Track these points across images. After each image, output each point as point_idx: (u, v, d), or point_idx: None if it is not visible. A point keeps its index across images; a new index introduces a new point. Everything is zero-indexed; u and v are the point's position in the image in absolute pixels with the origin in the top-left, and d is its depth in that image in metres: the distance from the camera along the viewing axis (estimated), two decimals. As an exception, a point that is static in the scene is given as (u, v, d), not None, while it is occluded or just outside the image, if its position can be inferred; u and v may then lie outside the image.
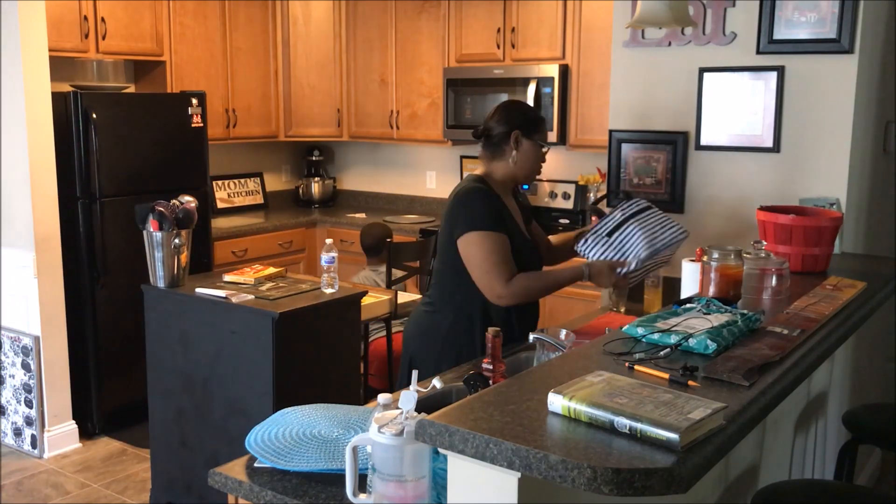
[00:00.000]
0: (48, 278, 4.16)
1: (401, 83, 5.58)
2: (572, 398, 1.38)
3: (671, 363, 1.67)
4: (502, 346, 2.20)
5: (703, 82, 3.41)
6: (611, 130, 3.68)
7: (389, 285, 4.35)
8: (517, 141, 2.60)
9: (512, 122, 2.61)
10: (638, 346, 1.79)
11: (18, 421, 4.29)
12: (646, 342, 1.80)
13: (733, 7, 3.31)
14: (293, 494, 1.61)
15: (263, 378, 3.03)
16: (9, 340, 4.27)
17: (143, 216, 3.32)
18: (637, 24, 2.86)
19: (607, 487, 1.20)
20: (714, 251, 2.25)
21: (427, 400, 1.97)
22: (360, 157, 6.38)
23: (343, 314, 3.33)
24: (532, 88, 4.84)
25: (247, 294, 3.20)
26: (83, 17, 4.57)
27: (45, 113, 4.09)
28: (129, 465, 4.10)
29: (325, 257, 3.30)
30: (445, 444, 1.34)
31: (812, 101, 3.20)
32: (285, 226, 5.52)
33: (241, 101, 5.54)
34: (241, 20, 5.50)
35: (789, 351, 1.80)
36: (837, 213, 2.85)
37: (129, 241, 4.29)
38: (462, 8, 5.21)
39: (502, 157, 2.62)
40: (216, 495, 1.85)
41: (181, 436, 3.35)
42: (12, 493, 3.81)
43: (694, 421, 1.30)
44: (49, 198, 4.14)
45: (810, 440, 2.83)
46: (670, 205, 3.52)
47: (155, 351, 3.41)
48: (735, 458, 2.20)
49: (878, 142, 3.57)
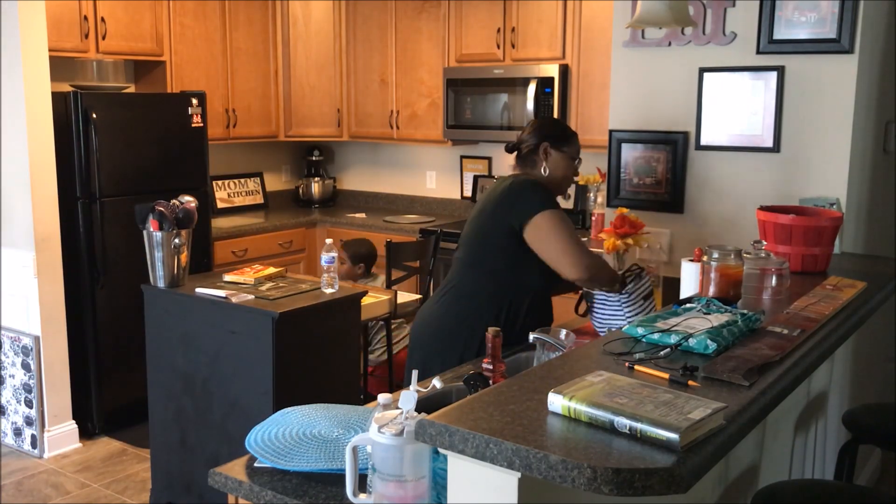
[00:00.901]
0: (48, 278, 4.16)
1: (401, 83, 5.58)
2: (572, 398, 1.38)
3: (671, 363, 1.67)
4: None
5: (703, 82, 3.41)
6: (611, 130, 3.68)
7: (389, 285, 4.35)
8: (546, 153, 2.66)
9: (541, 135, 2.68)
10: (638, 346, 1.79)
11: (18, 421, 4.29)
12: (646, 342, 1.80)
13: (733, 7, 3.31)
14: (293, 494, 1.61)
15: (263, 378, 3.03)
16: (9, 340, 4.27)
17: (143, 216, 3.32)
18: (637, 24, 2.86)
19: (607, 487, 1.20)
20: (714, 251, 2.25)
21: (427, 400, 1.97)
22: (360, 157, 6.38)
23: (343, 314, 3.33)
24: (532, 88, 4.84)
25: (247, 294, 3.20)
26: (83, 17, 4.57)
27: (45, 113, 4.10)
28: (129, 465, 4.10)
29: (325, 257, 3.30)
30: (445, 444, 1.34)
31: (812, 101, 3.20)
32: (285, 226, 5.52)
33: (241, 101, 5.55)
34: (241, 20, 5.50)
35: (789, 351, 1.80)
36: (837, 213, 2.85)
37: (129, 241, 4.29)
38: (462, 8, 5.21)
39: (534, 168, 2.68)
40: (216, 495, 1.85)
41: (181, 436, 3.35)
42: (12, 493, 3.81)
43: (694, 421, 1.30)
44: (49, 198, 4.14)
45: (810, 440, 2.83)
46: (670, 205, 3.52)
47: (155, 351, 3.41)
48: (735, 458, 2.20)
49: (878, 142, 3.57)
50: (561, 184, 2.72)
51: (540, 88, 4.82)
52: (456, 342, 2.60)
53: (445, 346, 2.62)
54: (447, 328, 2.64)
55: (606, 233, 3.29)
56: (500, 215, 2.57)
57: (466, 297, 2.63)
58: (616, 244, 3.23)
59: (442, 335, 2.64)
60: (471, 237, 2.68)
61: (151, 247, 3.30)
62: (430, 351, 2.66)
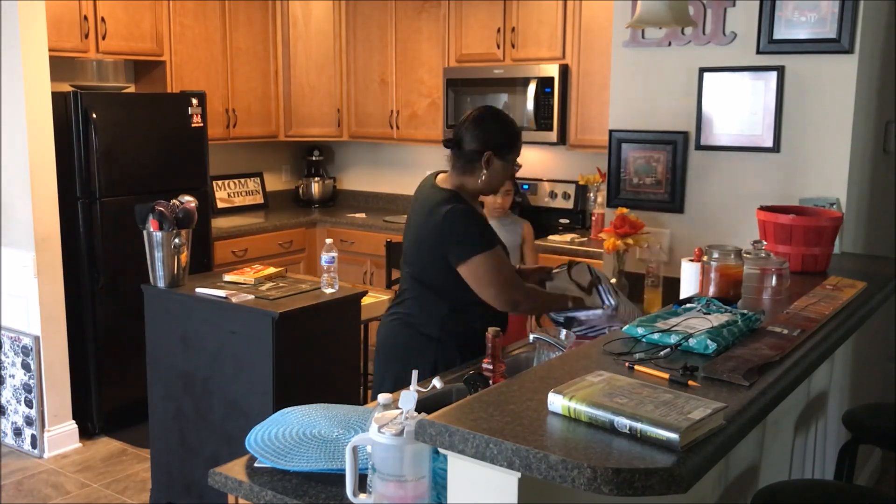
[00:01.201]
0: (48, 278, 4.16)
1: (401, 83, 5.58)
2: (572, 398, 1.38)
3: (671, 363, 1.67)
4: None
5: (703, 82, 3.41)
6: (611, 130, 3.68)
7: (389, 285, 4.35)
8: (488, 161, 2.51)
9: (486, 142, 2.51)
10: (638, 346, 1.79)
11: (18, 421, 4.29)
12: (646, 342, 1.80)
13: (733, 7, 3.31)
14: (293, 494, 1.61)
15: (263, 378, 3.03)
16: (9, 340, 4.27)
17: (143, 216, 3.32)
18: (637, 24, 2.86)
19: (607, 487, 1.20)
20: (714, 251, 2.25)
21: (427, 400, 1.97)
22: (360, 157, 6.38)
23: (343, 314, 3.33)
24: (532, 88, 4.84)
25: (247, 294, 3.20)
26: (83, 17, 4.57)
27: (45, 113, 4.09)
28: (129, 465, 4.10)
29: (325, 257, 3.30)
30: (445, 444, 1.34)
31: (812, 101, 3.20)
32: (285, 226, 5.52)
33: (241, 101, 5.54)
34: (241, 20, 5.50)
35: (789, 351, 1.80)
36: (837, 213, 2.85)
37: (129, 241, 4.29)
38: (462, 8, 5.21)
39: (472, 173, 2.54)
40: (216, 495, 1.85)
41: (181, 436, 3.35)
42: (12, 493, 3.81)
43: (694, 421, 1.30)
44: (49, 198, 4.14)
45: (810, 440, 2.83)
46: (670, 205, 3.52)
47: (155, 351, 3.41)
48: (735, 458, 2.20)
49: (878, 142, 3.57)
50: (495, 187, 2.61)
51: (540, 88, 4.82)
52: (419, 363, 2.52)
53: (406, 353, 2.59)
54: (402, 342, 2.61)
55: (606, 233, 3.30)
56: (437, 247, 2.50)
57: (416, 310, 2.59)
58: (616, 244, 3.23)
59: (398, 346, 2.62)
60: (413, 254, 2.62)
61: (151, 247, 3.30)
62: (391, 360, 2.63)
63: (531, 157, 5.40)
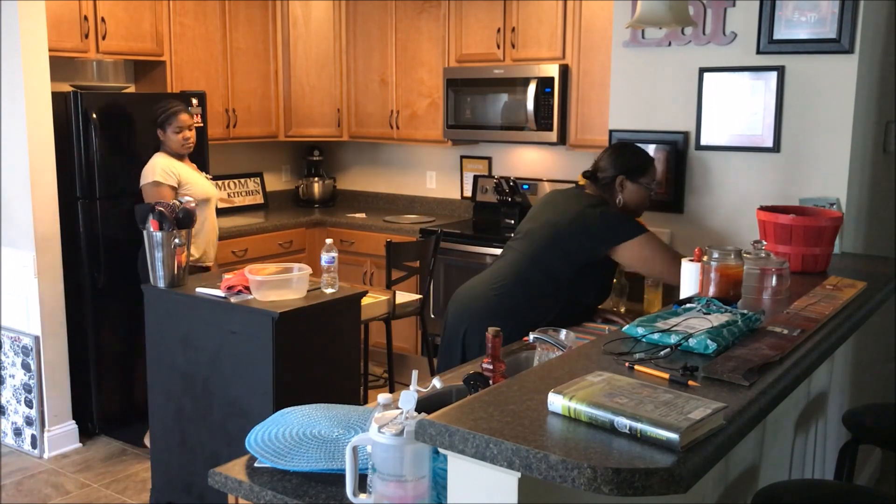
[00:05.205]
0: (48, 278, 4.16)
1: (401, 83, 5.58)
2: (572, 398, 1.38)
3: (671, 363, 1.67)
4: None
5: (703, 82, 3.41)
6: (611, 130, 3.68)
7: (389, 285, 4.35)
8: (622, 185, 2.86)
9: (618, 167, 2.87)
10: (638, 346, 1.79)
11: (18, 421, 4.29)
12: (646, 342, 1.80)
13: (733, 7, 3.31)
14: (293, 494, 1.61)
15: (263, 378, 3.03)
16: (9, 340, 4.27)
17: (143, 216, 3.32)
18: (637, 24, 2.86)
19: (607, 487, 1.20)
20: (714, 251, 2.25)
21: (427, 400, 1.97)
22: (359, 157, 6.38)
23: (343, 314, 3.33)
24: (532, 88, 4.84)
25: (247, 294, 3.20)
26: (83, 17, 4.57)
27: (45, 113, 4.10)
28: (129, 465, 4.11)
29: (325, 257, 3.30)
30: (445, 444, 1.34)
31: (812, 101, 3.20)
32: (285, 226, 5.52)
33: (241, 101, 5.54)
34: (241, 20, 5.50)
35: (789, 351, 1.80)
36: (837, 213, 2.85)
37: (129, 241, 4.29)
38: (462, 8, 5.21)
39: (610, 195, 2.87)
40: (216, 495, 1.85)
41: (181, 436, 3.35)
42: (12, 493, 3.81)
43: (694, 421, 1.30)
44: (49, 198, 4.14)
45: (810, 440, 2.83)
46: (670, 205, 3.52)
47: (155, 351, 3.41)
48: (735, 458, 2.20)
49: (878, 142, 3.57)
50: (635, 211, 2.91)
51: (540, 88, 4.82)
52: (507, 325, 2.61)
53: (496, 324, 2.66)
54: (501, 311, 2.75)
55: (606, 233, 3.29)
56: (585, 240, 2.74)
57: (526, 287, 2.77)
58: (616, 244, 3.23)
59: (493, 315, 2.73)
60: (543, 244, 2.80)
61: (151, 247, 3.30)
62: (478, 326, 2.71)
63: (531, 157, 5.40)
